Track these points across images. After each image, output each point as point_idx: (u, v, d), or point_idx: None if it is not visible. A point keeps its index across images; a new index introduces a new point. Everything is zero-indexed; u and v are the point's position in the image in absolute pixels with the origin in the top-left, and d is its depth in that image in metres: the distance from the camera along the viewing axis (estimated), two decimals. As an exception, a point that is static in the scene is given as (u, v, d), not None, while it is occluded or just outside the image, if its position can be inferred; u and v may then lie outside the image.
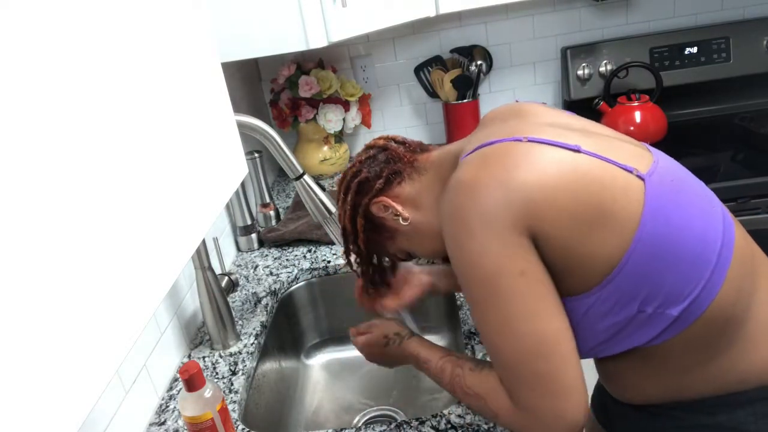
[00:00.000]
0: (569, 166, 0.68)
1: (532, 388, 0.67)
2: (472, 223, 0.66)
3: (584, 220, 0.66)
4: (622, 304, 0.68)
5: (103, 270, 0.40)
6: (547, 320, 0.66)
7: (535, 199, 0.65)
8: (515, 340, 0.67)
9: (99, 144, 0.41)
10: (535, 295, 0.66)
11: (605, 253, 0.66)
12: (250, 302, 1.28)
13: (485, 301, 0.68)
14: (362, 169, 0.89)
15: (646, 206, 0.66)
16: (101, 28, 0.43)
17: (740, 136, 1.75)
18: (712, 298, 0.67)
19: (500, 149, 0.71)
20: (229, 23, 1.26)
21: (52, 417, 0.33)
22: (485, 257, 0.66)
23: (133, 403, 0.93)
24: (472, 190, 0.68)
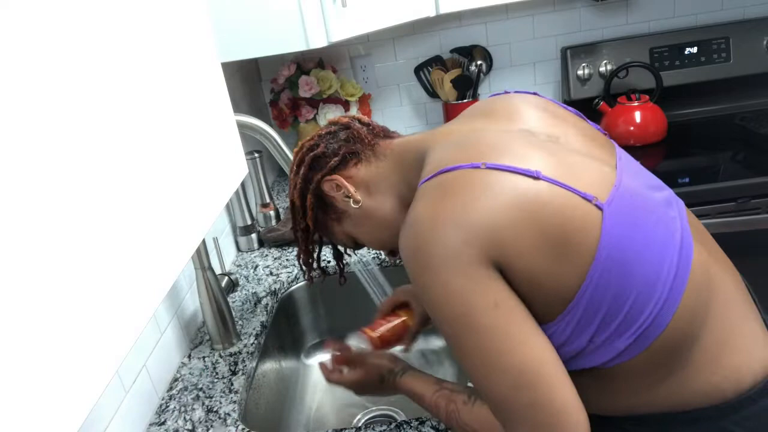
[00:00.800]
0: (530, 196, 0.65)
1: (524, 421, 0.65)
2: (434, 263, 0.64)
3: (546, 252, 0.65)
4: (575, 335, 0.67)
5: (104, 270, 0.40)
6: (527, 348, 0.65)
7: (494, 232, 0.64)
8: (498, 375, 0.65)
9: (99, 144, 0.41)
10: (512, 324, 0.64)
11: (565, 284, 0.65)
12: (250, 302, 1.28)
13: (460, 339, 0.66)
14: (320, 143, 0.86)
15: (601, 240, 0.65)
16: (101, 28, 0.43)
17: (740, 136, 1.75)
18: (661, 329, 0.67)
19: (458, 178, 0.68)
20: (229, 23, 1.26)
21: (53, 417, 0.33)
22: (452, 296, 0.64)
23: (133, 403, 0.93)
24: (430, 230, 0.65)
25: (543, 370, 0.65)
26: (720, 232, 1.39)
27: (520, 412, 0.65)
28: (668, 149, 1.73)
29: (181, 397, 1.02)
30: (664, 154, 1.71)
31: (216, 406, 0.99)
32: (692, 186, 1.47)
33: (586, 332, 0.67)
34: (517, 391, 0.64)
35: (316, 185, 0.85)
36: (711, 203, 1.46)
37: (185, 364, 1.11)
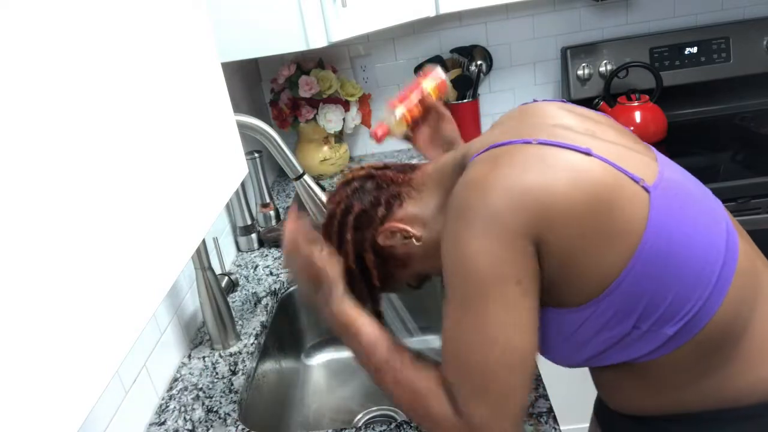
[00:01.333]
0: (582, 170, 0.65)
1: (488, 401, 0.64)
2: (478, 222, 0.63)
3: (592, 229, 0.63)
4: (617, 320, 0.66)
5: (104, 270, 0.40)
6: (525, 335, 0.64)
7: (545, 205, 0.63)
8: (488, 346, 0.63)
9: (99, 144, 0.41)
10: (523, 306, 0.64)
11: (605, 266, 0.64)
12: (250, 302, 1.28)
13: (469, 302, 0.64)
14: (352, 202, 0.81)
15: (649, 221, 0.64)
16: (101, 28, 0.43)
17: (740, 136, 1.75)
18: (709, 317, 0.66)
19: (511, 150, 0.68)
20: (229, 23, 1.26)
21: (52, 417, 0.33)
22: (484, 257, 0.63)
23: (133, 403, 0.93)
24: (482, 190, 0.65)
25: (525, 365, 0.65)
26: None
27: (486, 388, 0.64)
28: (668, 149, 1.72)
29: (181, 397, 1.02)
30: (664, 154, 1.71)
31: (216, 406, 0.99)
32: (692, 186, 1.47)
33: (631, 316, 0.65)
34: (498, 367, 0.63)
35: (371, 243, 0.80)
36: (711, 203, 1.46)
37: (185, 364, 1.11)
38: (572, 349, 0.71)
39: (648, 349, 0.68)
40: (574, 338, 0.69)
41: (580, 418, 1.80)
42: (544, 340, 0.72)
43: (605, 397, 0.83)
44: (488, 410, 0.64)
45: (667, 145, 1.75)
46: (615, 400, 0.81)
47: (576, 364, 0.74)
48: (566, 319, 0.69)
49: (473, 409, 0.64)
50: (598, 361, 0.72)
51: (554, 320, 0.70)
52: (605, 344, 0.68)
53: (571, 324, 0.69)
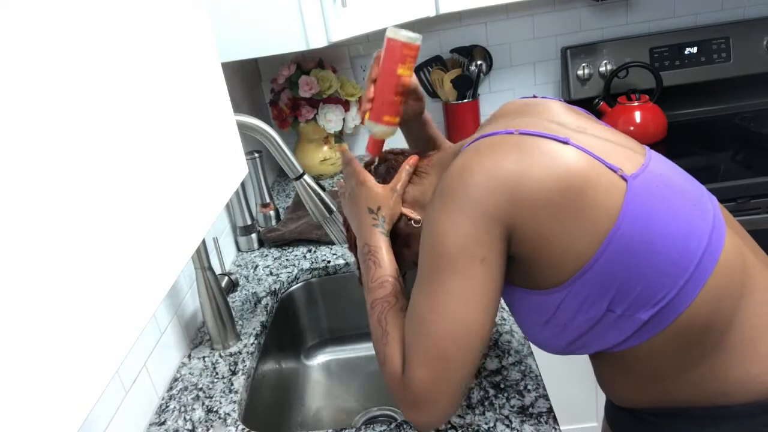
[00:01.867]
0: (556, 158, 0.69)
1: (430, 365, 0.68)
2: (453, 202, 0.69)
3: (563, 213, 0.67)
4: (591, 301, 0.69)
5: (103, 270, 0.40)
6: (482, 314, 0.68)
7: (519, 190, 0.67)
8: (444, 317, 0.68)
9: (99, 144, 0.41)
10: (485, 285, 0.68)
11: (578, 249, 0.68)
12: (250, 302, 1.28)
13: (434, 274, 0.69)
14: None
15: (623, 208, 0.67)
16: (101, 28, 0.43)
17: (740, 136, 1.75)
18: (685, 306, 0.67)
19: (492, 140, 0.73)
20: (229, 23, 1.26)
21: (52, 417, 0.33)
22: (453, 233, 0.68)
23: (133, 403, 0.93)
24: (462, 175, 0.70)
25: (477, 343, 0.68)
26: (720, 232, 1.39)
27: (434, 357, 0.68)
28: (668, 149, 1.73)
29: (181, 397, 1.02)
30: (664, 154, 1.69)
31: (216, 406, 0.99)
32: (692, 186, 1.47)
33: (604, 298, 0.68)
34: (450, 340, 0.68)
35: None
36: (711, 203, 1.46)
37: (185, 364, 1.11)
38: (554, 334, 0.74)
39: (624, 335, 0.70)
40: (553, 321, 0.73)
41: (580, 418, 1.81)
42: (529, 325, 0.77)
43: (604, 390, 0.86)
44: (428, 375, 0.68)
45: (667, 145, 1.75)
46: (610, 392, 0.84)
47: (561, 349, 0.77)
48: (545, 301, 0.72)
49: (415, 371, 0.69)
50: (581, 347, 0.75)
51: (535, 303, 0.73)
52: (582, 327, 0.71)
53: (549, 306, 0.72)
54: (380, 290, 0.81)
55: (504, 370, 0.96)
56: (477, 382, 0.94)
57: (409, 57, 0.95)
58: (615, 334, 0.71)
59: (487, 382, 0.94)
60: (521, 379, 0.93)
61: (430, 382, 0.68)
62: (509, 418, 0.86)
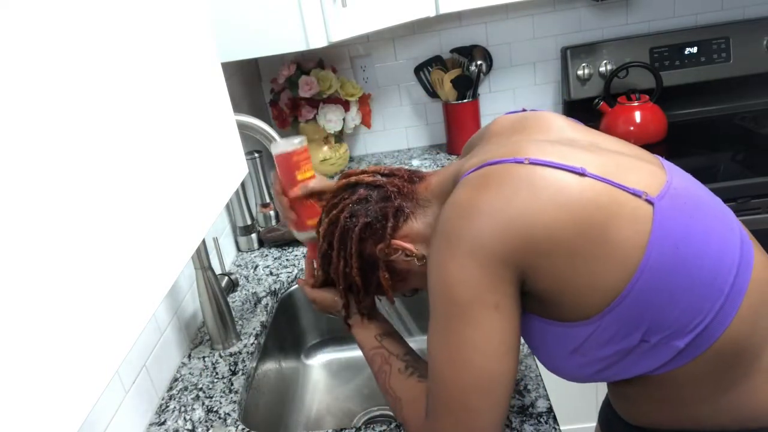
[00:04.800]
0: (573, 193, 0.63)
1: (454, 417, 0.66)
2: (461, 246, 0.64)
3: (584, 252, 0.62)
4: (623, 334, 0.65)
5: (104, 270, 0.40)
6: (501, 360, 0.65)
7: (531, 233, 0.62)
8: (463, 368, 0.65)
9: (99, 144, 0.41)
10: (501, 331, 0.64)
11: (606, 284, 0.63)
12: (250, 302, 1.28)
13: (449, 323, 0.66)
14: (357, 212, 0.80)
15: (653, 234, 0.62)
16: (101, 28, 0.43)
17: (740, 136, 1.75)
18: (722, 329, 0.63)
19: (501, 171, 0.67)
20: (229, 23, 1.26)
21: (52, 417, 0.33)
22: (464, 282, 0.64)
23: (133, 403, 0.93)
24: (468, 215, 0.65)
25: (499, 389, 0.65)
26: (720, 232, 1.39)
27: (458, 407, 0.66)
28: (668, 149, 1.73)
29: (181, 397, 1.02)
30: (664, 154, 1.69)
31: (216, 406, 0.99)
32: (692, 186, 1.47)
33: (638, 330, 0.64)
34: (471, 390, 0.65)
35: (384, 257, 0.80)
36: (711, 203, 1.46)
37: (185, 364, 1.11)
38: (580, 364, 0.70)
39: (658, 363, 0.66)
40: (580, 352, 0.69)
41: (580, 418, 1.81)
42: (552, 355, 0.72)
43: (620, 408, 0.81)
44: (452, 424, 0.66)
45: (667, 145, 1.75)
46: (630, 412, 0.79)
47: (587, 378, 0.73)
48: (570, 332, 0.68)
49: (439, 423, 0.68)
50: (610, 375, 0.71)
51: (558, 334, 0.69)
52: (613, 358, 0.67)
53: (576, 338, 0.68)
54: (374, 365, 0.83)
55: (504, 370, 0.96)
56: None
57: (302, 161, 0.96)
58: (648, 363, 0.67)
59: (487, 382, 0.93)
60: (521, 379, 0.93)
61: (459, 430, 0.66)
62: (509, 418, 0.86)
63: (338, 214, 0.82)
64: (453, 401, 0.66)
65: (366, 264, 0.82)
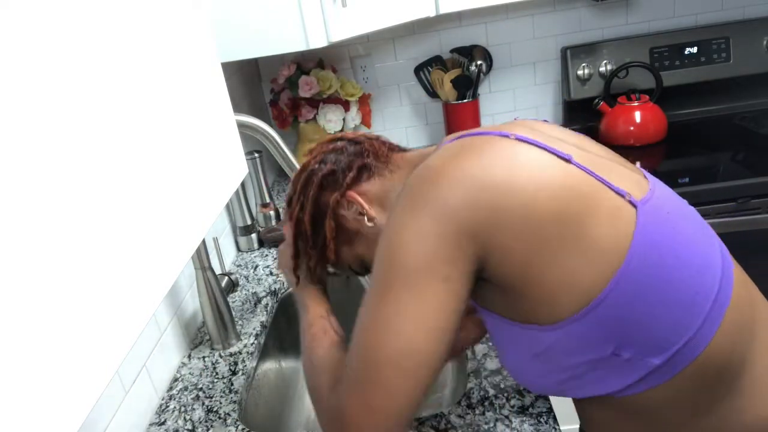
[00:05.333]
0: (555, 175, 0.59)
1: (360, 392, 0.59)
2: (426, 207, 0.58)
3: (559, 243, 0.58)
4: (593, 344, 0.60)
5: (103, 270, 0.40)
6: (434, 339, 0.58)
7: (507, 207, 0.58)
8: (389, 338, 0.58)
9: (99, 144, 0.41)
10: (443, 309, 0.58)
11: (579, 285, 0.58)
12: (250, 302, 1.28)
13: (389, 286, 0.59)
14: (326, 160, 0.77)
15: (635, 239, 0.58)
16: (101, 28, 0.43)
17: (740, 136, 1.75)
18: (702, 347, 0.59)
19: (482, 141, 0.63)
20: (229, 23, 1.26)
21: (52, 417, 0.33)
22: (416, 244, 0.58)
23: (133, 403, 0.93)
24: (437, 177, 0.60)
25: (425, 372, 0.59)
26: (720, 232, 1.39)
27: (372, 380, 0.59)
28: (668, 149, 1.73)
29: (181, 397, 1.02)
30: (664, 154, 1.71)
31: (216, 406, 0.99)
32: (692, 186, 1.47)
33: (609, 341, 0.59)
34: (393, 363, 0.58)
35: (333, 208, 0.75)
36: (711, 203, 1.46)
37: (185, 364, 1.11)
38: (541, 371, 0.65)
39: (630, 380, 0.61)
40: (541, 359, 0.64)
41: (580, 418, 1.80)
42: (512, 357, 0.68)
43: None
44: (363, 404, 0.59)
45: (667, 145, 1.75)
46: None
47: (548, 388, 0.68)
48: (534, 336, 0.63)
49: (350, 397, 0.60)
50: (574, 389, 0.66)
51: (520, 336, 0.64)
52: (578, 370, 0.63)
53: (539, 343, 0.63)
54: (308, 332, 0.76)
55: (504, 370, 0.96)
56: (477, 382, 0.94)
57: None
58: (617, 380, 0.62)
59: (487, 382, 0.93)
60: (521, 379, 0.93)
61: (364, 412, 0.59)
62: (509, 418, 0.86)
63: (311, 159, 0.80)
64: (365, 373, 0.59)
65: (319, 213, 0.77)
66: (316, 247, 0.79)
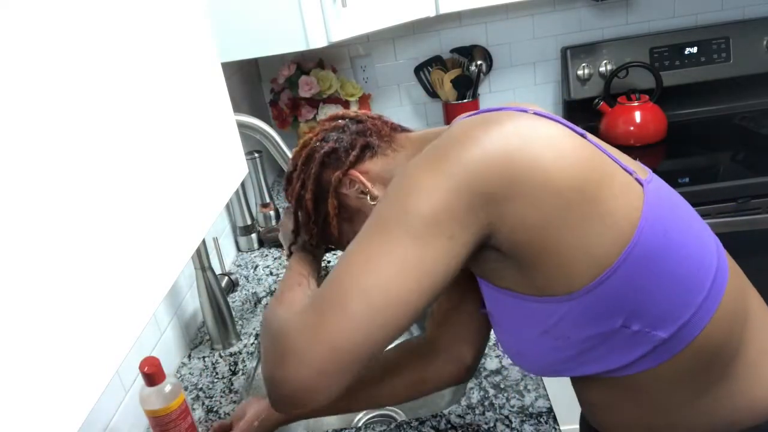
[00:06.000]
0: (573, 147, 0.61)
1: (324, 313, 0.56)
2: (442, 163, 0.58)
3: (577, 209, 0.58)
4: (605, 316, 0.61)
5: (104, 270, 0.40)
6: (416, 291, 0.56)
7: (530, 173, 0.58)
8: (372, 272, 0.56)
9: (99, 144, 0.41)
10: (436, 263, 0.57)
11: (594, 254, 0.59)
12: (250, 302, 1.28)
13: (386, 225, 0.58)
14: (329, 138, 0.76)
15: (644, 213, 0.60)
16: (101, 28, 0.43)
17: (740, 136, 1.75)
18: (703, 325, 0.62)
19: (502, 115, 0.63)
20: (229, 23, 1.26)
21: (52, 417, 0.33)
22: (428, 194, 0.57)
23: (133, 403, 0.93)
24: (460, 140, 0.59)
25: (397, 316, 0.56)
26: (720, 232, 1.39)
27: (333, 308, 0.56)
28: (668, 149, 1.73)
29: (181, 397, 1.02)
30: (664, 154, 1.71)
31: (216, 406, 0.99)
32: (692, 186, 1.47)
33: (619, 313, 0.60)
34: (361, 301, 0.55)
35: (335, 186, 0.75)
36: (711, 203, 1.46)
37: (185, 364, 1.11)
38: (551, 348, 0.65)
39: (635, 356, 0.63)
40: (553, 333, 0.64)
41: (580, 418, 1.80)
42: (519, 337, 0.68)
43: (591, 417, 0.78)
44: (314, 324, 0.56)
45: (667, 145, 1.75)
46: (601, 421, 0.75)
47: (552, 366, 0.68)
48: (545, 309, 0.63)
49: (303, 314, 0.57)
50: (578, 367, 0.67)
51: (531, 311, 0.64)
52: (588, 344, 0.63)
53: (550, 315, 0.63)
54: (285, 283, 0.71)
55: (504, 370, 0.96)
56: (477, 382, 0.94)
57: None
58: (623, 355, 0.63)
59: (487, 382, 0.94)
60: (521, 379, 0.93)
61: (309, 331, 0.55)
62: (509, 418, 0.86)
63: (312, 136, 0.79)
64: (330, 294, 0.57)
65: (321, 191, 0.76)
66: (317, 224, 0.78)
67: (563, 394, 1.67)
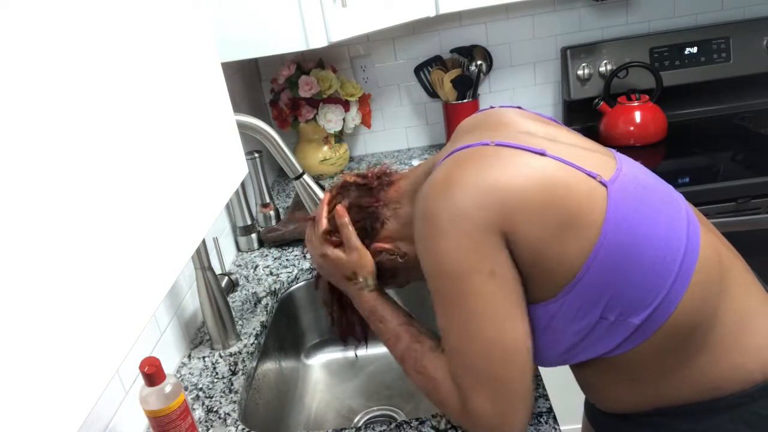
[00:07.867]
0: (537, 168, 0.68)
1: (487, 389, 0.67)
2: (444, 221, 0.66)
3: (553, 223, 0.66)
4: (585, 310, 0.68)
5: (104, 270, 0.40)
6: (512, 325, 0.67)
7: (507, 200, 0.66)
8: (478, 341, 0.67)
9: (99, 144, 0.41)
10: (504, 297, 0.67)
11: (569, 258, 0.67)
12: (250, 302, 1.28)
13: (451, 299, 0.68)
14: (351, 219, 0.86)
15: (608, 213, 0.67)
16: (101, 28, 0.43)
17: (740, 136, 1.75)
18: (674, 306, 0.68)
19: (470, 152, 0.72)
20: (229, 23, 1.26)
21: (52, 417, 0.33)
22: (454, 254, 0.66)
23: (133, 403, 0.93)
24: (444, 189, 0.68)
25: (519, 355, 0.67)
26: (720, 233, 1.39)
27: (485, 381, 0.67)
28: (668, 149, 1.73)
29: (181, 397, 1.02)
30: (664, 154, 1.71)
31: (216, 406, 0.99)
32: (692, 186, 1.47)
33: (597, 306, 0.68)
34: (492, 360, 0.66)
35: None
36: (711, 203, 1.46)
37: (185, 364, 1.11)
38: (546, 345, 0.73)
39: (617, 341, 0.70)
40: (548, 332, 0.72)
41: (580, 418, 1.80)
42: None
43: (590, 396, 0.85)
44: (488, 400, 0.67)
45: (667, 145, 1.75)
46: (599, 399, 0.83)
47: (551, 360, 0.76)
48: (541, 312, 0.71)
49: (474, 401, 0.68)
50: (572, 356, 0.74)
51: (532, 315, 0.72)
52: (576, 337, 0.70)
53: (543, 318, 0.71)
54: (399, 344, 0.79)
55: (504, 370, 0.96)
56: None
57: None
58: (608, 341, 0.70)
59: (487, 382, 0.93)
60: (521, 379, 0.93)
61: (493, 404, 0.67)
62: (509, 418, 0.86)
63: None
64: (480, 374, 0.67)
65: None
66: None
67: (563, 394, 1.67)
